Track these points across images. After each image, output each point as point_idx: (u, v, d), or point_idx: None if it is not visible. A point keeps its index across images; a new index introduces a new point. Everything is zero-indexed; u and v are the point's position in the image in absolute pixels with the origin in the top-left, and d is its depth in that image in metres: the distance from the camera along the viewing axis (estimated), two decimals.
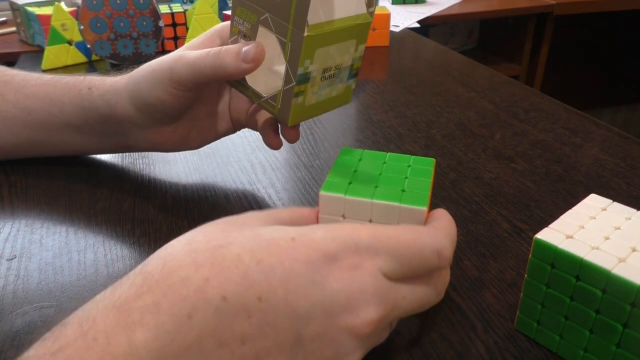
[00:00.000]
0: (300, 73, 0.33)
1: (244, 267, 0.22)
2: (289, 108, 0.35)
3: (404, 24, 1.16)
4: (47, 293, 0.34)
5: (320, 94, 0.36)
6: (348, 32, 0.35)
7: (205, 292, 0.21)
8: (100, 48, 0.78)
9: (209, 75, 0.36)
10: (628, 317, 0.25)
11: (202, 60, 0.36)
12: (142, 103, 0.40)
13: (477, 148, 0.53)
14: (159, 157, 0.51)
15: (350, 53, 0.36)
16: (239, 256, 0.22)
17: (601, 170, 0.48)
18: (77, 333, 0.20)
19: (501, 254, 0.37)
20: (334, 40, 0.34)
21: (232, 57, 0.35)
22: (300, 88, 0.34)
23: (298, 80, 0.34)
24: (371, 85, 0.72)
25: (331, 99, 0.38)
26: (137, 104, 0.40)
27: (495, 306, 0.33)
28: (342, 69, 0.37)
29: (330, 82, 0.36)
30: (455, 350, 0.30)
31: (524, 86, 0.70)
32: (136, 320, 0.20)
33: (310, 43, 0.32)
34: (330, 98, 0.38)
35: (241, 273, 0.21)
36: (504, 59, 1.74)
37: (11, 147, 0.46)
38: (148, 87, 0.39)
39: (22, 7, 0.93)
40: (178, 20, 0.85)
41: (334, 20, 0.34)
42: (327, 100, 0.38)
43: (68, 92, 0.43)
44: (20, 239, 0.39)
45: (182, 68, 0.37)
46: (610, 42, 2.02)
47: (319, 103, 0.37)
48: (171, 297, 0.21)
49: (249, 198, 0.44)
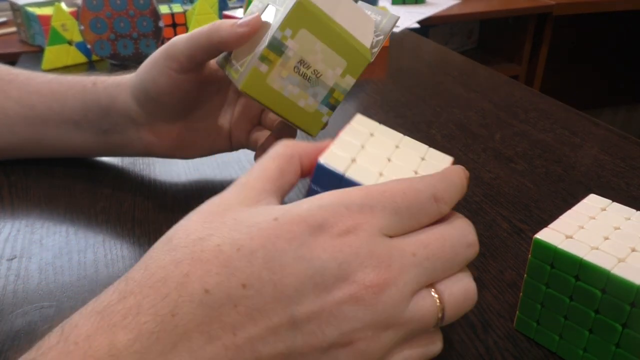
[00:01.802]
0: (276, 37, 0.32)
1: (224, 256, 0.21)
2: (249, 70, 0.33)
3: (404, 24, 1.16)
4: (47, 293, 0.34)
5: (286, 87, 0.35)
6: (342, 46, 0.34)
7: (186, 288, 0.20)
8: (100, 48, 0.78)
9: (204, 43, 0.36)
10: (627, 317, 0.25)
11: (197, 30, 0.37)
12: (140, 91, 0.40)
13: (477, 148, 0.53)
14: None
15: (335, 72, 0.35)
16: (219, 246, 0.21)
17: (601, 170, 0.48)
18: (59, 338, 0.20)
19: (501, 254, 0.37)
20: (324, 37, 0.33)
21: (228, 23, 0.35)
22: (269, 54, 0.33)
23: (270, 42, 0.32)
24: (371, 85, 0.72)
25: (295, 108, 0.36)
26: (136, 94, 0.41)
27: (494, 306, 0.33)
28: (319, 81, 0.35)
29: (302, 83, 0.35)
30: (455, 350, 0.30)
31: (523, 86, 0.70)
32: (117, 323, 0.19)
33: (300, 12, 0.32)
34: (295, 106, 0.35)
35: (221, 263, 0.20)
36: (504, 59, 1.74)
37: (11, 147, 0.47)
38: (145, 70, 0.40)
39: (22, 7, 0.94)
40: (178, 21, 0.85)
41: (335, 21, 0.34)
42: (290, 104, 0.35)
43: (72, 87, 0.44)
44: (21, 239, 0.39)
45: (179, 41, 0.37)
46: (609, 42, 2.02)
47: (280, 97, 0.35)
48: (152, 297, 0.20)
49: None
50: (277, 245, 0.21)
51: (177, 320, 0.20)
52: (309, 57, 0.34)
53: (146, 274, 0.21)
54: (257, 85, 0.34)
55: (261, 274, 0.20)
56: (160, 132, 0.43)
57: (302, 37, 0.33)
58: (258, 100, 0.35)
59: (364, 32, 0.35)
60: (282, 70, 0.34)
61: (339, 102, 0.36)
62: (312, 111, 0.36)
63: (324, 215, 0.21)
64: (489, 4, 1.53)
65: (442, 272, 0.23)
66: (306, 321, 0.20)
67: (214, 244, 0.21)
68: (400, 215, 0.22)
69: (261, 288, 0.20)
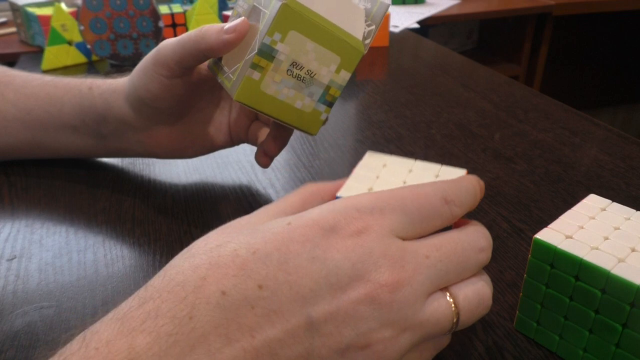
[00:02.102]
0: (265, 42, 0.31)
1: (240, 260, 0.21)
2: (241, 79, 0.33)
3: (403, 24, 1.16)
4: (47, 293, 0.34)
5: (281, 91, 0.34)
6: (334, 42, 0.33)
7: (203, 291, 0.20)
8: (100, 48, 0.78)
9: (191, 50, 0.36)
10: (627, 317, 0.25)
11: (186, 36, 0.36)
12: (134, 98, 0.40)
13: (477, 148, 0.53)
14: None
15: (329, 70, 0.34)
16: (236, 251, 0.22)
17: (600, 170, 0.48)
18: (80, 344, 0.20)
19: (501, 254, 0.37)
20: (314, 37, 0.33)
21: (215, 29, 0.35)
22: (260, 61, 0.32)
23: (260, 49, 0.32)
24: (371, 85, 0.72)
25: (292, 110, 0.35)
26: (130, 101, 0.41)
27: (494, 306, 0.33)
28: (314, 80, 0.34)
29: (297, 85, 0.34)
30: (454, 350, 0.30)
31: (523, 86, 0.70)
32: (136, 327, 0.20)
33: (287, 14, 0.31)
34: (292, 108, 0.35)
35: (238, 266, 0.21)
36: (504, 59, 1.75)
37: (9, 148, 0.47)
38: (137, 77, 0.39)
39: (22, 7, 0.94)
40: (178, 21, 0.85)
41: (323, 17, 0.33)
42: (286, 107, 0.35)
43: (68, 92, 0.44)
44: (20, 239, 0.39)
45: (166, 47, 0.37)
46: (609, 43, 2.02)
47: (276, 101, 0.34)
48: (170, 301, 0.20)
49: (248, 198, 0.44)
50: (291, 247, 0.21)
51: (194, 323, 0.20)
52: (301, 58, 0.33)
53: (165, 279, 0.21)
54: (251, 93, 0.33)
55: (277, 275, 0.21)
56: (160, 135, 0.43)
57: (292, 39, 0.32)
58: (254, 108, 0.34)
59: (355, 24, 0.34)
60: (275, 75, 0.33)
61: (336, 98, 0.36)
62: (310, 111, 0.36)
63: (336, 218, 0.22)
64: (489, 4, 1.53)
65: (455, 276, 0.23)
66: (323, 322, 0.21)
67: (231, 249, 0.22)
68: (410, 216, 0.23)
69: (277, 289, 0.21)
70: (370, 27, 0.35)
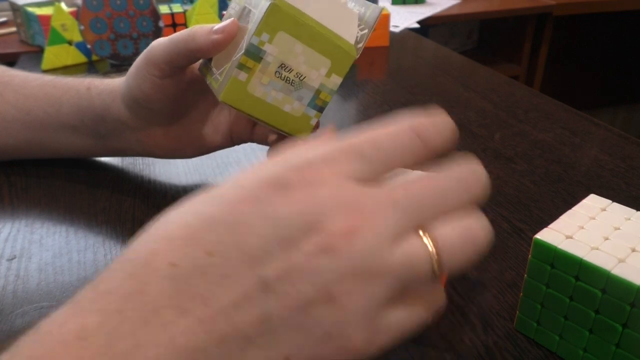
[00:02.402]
0: (252, 43, 0.31)
1: (190, 230, 0.20)
2: (227, 80, 0.32)
3: (403, 24, 1.16)
4: (47, 293, 0.34)
5: (269, 93, 0.33)
6: (324, 45, 0.33)
7: (153, 265, 0.20)
8: (100, 48, 0.78)
9: (181, 50, 0.36)
10: (627, 317, 0.25)
11: (175, 36, 0.36)
12: (129, 99, 0.40)
13: (477, 148, 0.53)
14: None
15: (319, 73, 0.33)
16: (186, 221, 0.21)
17: (600, 170, 0.48)
18: (34, 331, 0.20)
19: (501, 254, 0.37)
20: (304, 39, 0.32)
21: (204, 30, 0.35)
22: (247, 62, 0.32)
23: (247, 50, 0.31)
24: (371, 85, 0.72)
25: (280, 114, 0.34)
26: (126, 101, 0.41)
27: (495, 306, 0.33)
28: (303, 84, 0.34)
29: (285, 87, 0.33)
30: (455, 350, 0.30)
31: (523, 86, 0.70)
32: (87, 307, 0.20)
33: (275, 14, 0.31)
34: (280, 111, 0.34)
35: (187, 235, 0.20)
36: (504, 59, 1.74)
37: (9, 149, 0.47)
38: (131, 78, 0.39)
39: (22, 7, 0.94)
40: (178, 21, 0.85)
41: (314, 19, 0.32)
42: (274, 110, 0.34)
43: (67, 92, 0.44)
44: (20, 239, 0.39)
45: (157, 48, 0.37)
46: (609, 43, 2.02)
47: (264, 104, 0.34)
48: (119, 278, 0.20)
49: None
50: (240, 208, 0.20)
51: (146, 297, 0.19)
52: (290, 60, 0.32)
53: (119, 260, 0.21)
54: (238, 94, 0.33)
55: (226, 240, 0.20)
56: (157, 135, 0.43)
57: (281, 40, 0.31)
58: (240, 109, 0.33)
59: (347, 28, 0.33)
60: (263, 76, 0.32)
61: (327, 102, 0.35)
62: (299, 115, 0.35)
63: (287, 173, 0.21)
64: (489, 4, 1.53)
65: (432, 214, 0.21)
66: (277, 280, 0.19)
67: (181, 219, 0.21)
68: (369, 158, 0.21)
69: (226, 253, 0.19)
70: (363, 31, 0.35)
